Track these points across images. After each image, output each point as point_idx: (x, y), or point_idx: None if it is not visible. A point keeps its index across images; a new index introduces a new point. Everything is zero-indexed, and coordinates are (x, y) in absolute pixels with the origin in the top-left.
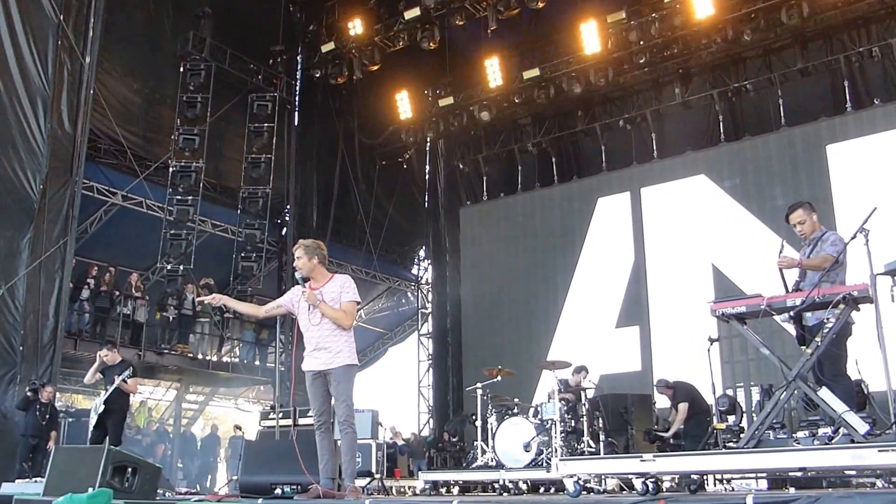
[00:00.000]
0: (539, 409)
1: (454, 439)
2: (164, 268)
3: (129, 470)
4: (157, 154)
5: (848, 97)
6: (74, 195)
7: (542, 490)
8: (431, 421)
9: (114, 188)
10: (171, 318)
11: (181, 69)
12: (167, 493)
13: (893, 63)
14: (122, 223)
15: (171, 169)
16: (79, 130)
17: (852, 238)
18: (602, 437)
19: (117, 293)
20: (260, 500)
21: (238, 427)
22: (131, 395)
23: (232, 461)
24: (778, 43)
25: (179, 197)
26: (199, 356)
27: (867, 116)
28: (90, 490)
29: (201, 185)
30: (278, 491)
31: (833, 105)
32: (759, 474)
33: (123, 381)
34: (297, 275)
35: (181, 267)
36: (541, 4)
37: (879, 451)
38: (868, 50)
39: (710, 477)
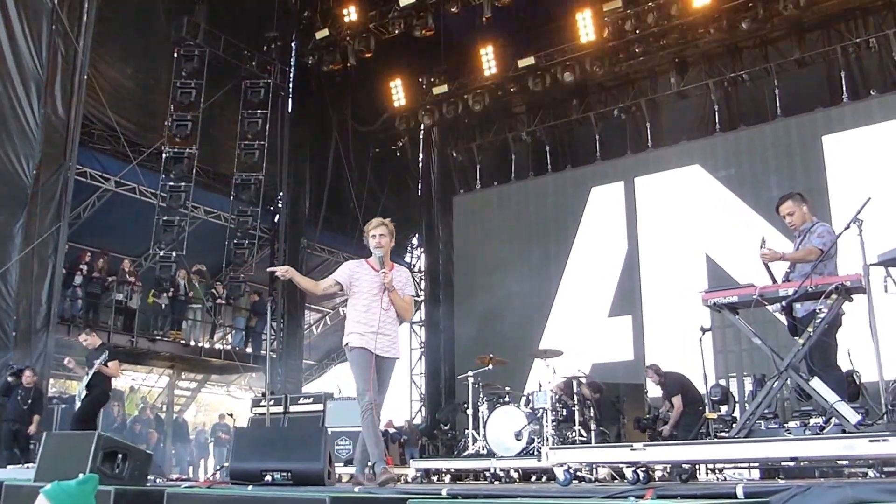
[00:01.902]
0: (530, 397)
1: (446, 427)
2: (157, 254)
3: (120, 456)
4: (151, 140)
5: (844, 88)
6: (68, 180)
7: (533, 478)
8: (423, 409)
9: (107, 174)
10: (163, 304)
11: (175, 55)
12: (158, 480)
13: (890, 54)
14: (115, 209)
15: (164, 155)
16: (72, 115)
17: (846, 228)
18: (593, 427)
19: (110, 279)
20: (250, 487)
21: (230, 414)
22: (114, 378)
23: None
24: (775, 33)
25: (172, 183)
26: (192, 343)
27: (863, 107)
28: (80, 476)
29: (194, 171)
30: (269, 478)
31: (829, 96)
32: (751, 464)
33: (103, 364)
34: (378, 252)
35: (174, 253)
36: None
37: (870, 441)
38: (865, 41)
39: (703, 466)
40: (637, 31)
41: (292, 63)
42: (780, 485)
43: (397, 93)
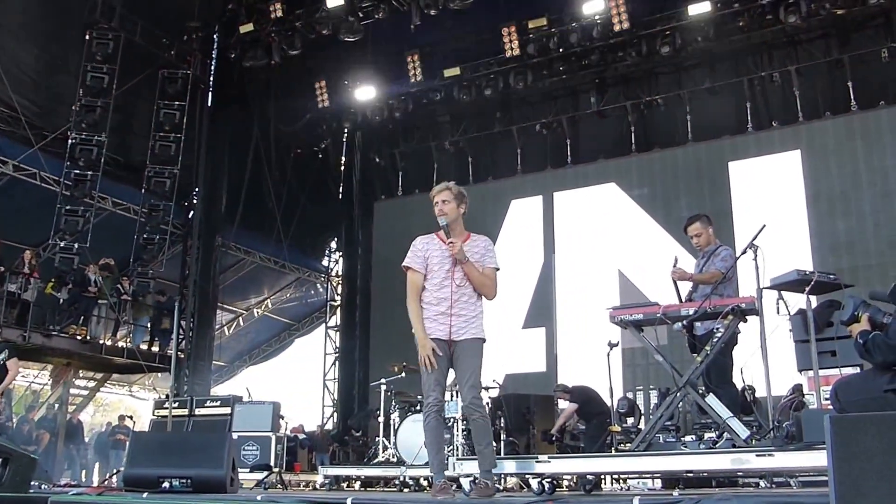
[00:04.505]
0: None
1: (357, 434)
2: (58, 244)
3: (0, 460)
4: (57, 125)
5: (749, 118)
6: None
7: None
8: (335, 415)
9: (4, 157)
10: (61, 298)
11: (87, 37)
12: (43, 486)
13: (791, 88)
14: (13, 195)
15: (70, 141)
16: None
17: (742, 253)
18: (503, 437)
19: (2, 269)
20: (145, 495)
21: (129, 416)
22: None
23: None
24: (689, 61)
25: (78, 171)
26: (90, 339)
27: (766, 137)
28: None
29: (103, 160)
30: (166, 485)
31: (736, 124)
32: (652, 474)
33: (3, 363)
34: (442, 221)
35: (76, 245)
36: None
37: (757, 455)
38: (770, 75)
39: (608, 476)
40: (560, 50)
41: (214, 55)
42: (674, 497)
43: (322, 94)
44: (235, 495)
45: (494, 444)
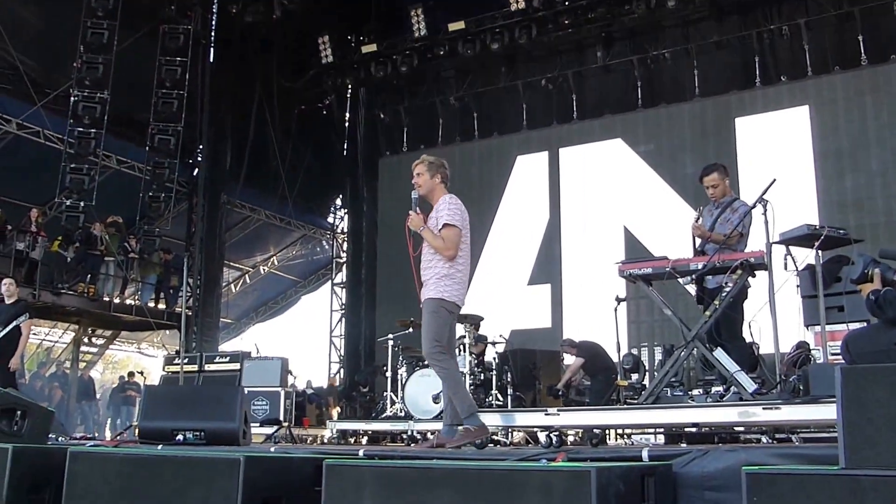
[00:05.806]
0: None
1: (364, 389)
2: (64, 203)
3: (18, 413)
4: (58, 82)
5: (757, 73)
6: None
7: None
8: (342, 371)
9: (7, 115)
10: (68, 257)
11: None
12: (60, 438)
13: (801, 42)
14: (17, 153)
15: (72, 99)
16: None
17: (752, 207)
18: (510, 392)
19: (10, 228)
20: (160, 447)
21: (140, 372)
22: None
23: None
24: (696, 14)
25: (81, 129)
26: (99, 297)
27: (773, 92)
28: None
29: (106, 117)
30: (180, 437)
31: (743, 79)
32: (656, 429)
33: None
34: (413, 194)
35: (82, 203)
36: None
37: (764, 408)
38: (779, 28)
39: (612, 431)
40: (566, 3)
41: (215, 10)
42: (682, 449)
43: (325, 49)
44: (248, 447)
45: (501, 398)
